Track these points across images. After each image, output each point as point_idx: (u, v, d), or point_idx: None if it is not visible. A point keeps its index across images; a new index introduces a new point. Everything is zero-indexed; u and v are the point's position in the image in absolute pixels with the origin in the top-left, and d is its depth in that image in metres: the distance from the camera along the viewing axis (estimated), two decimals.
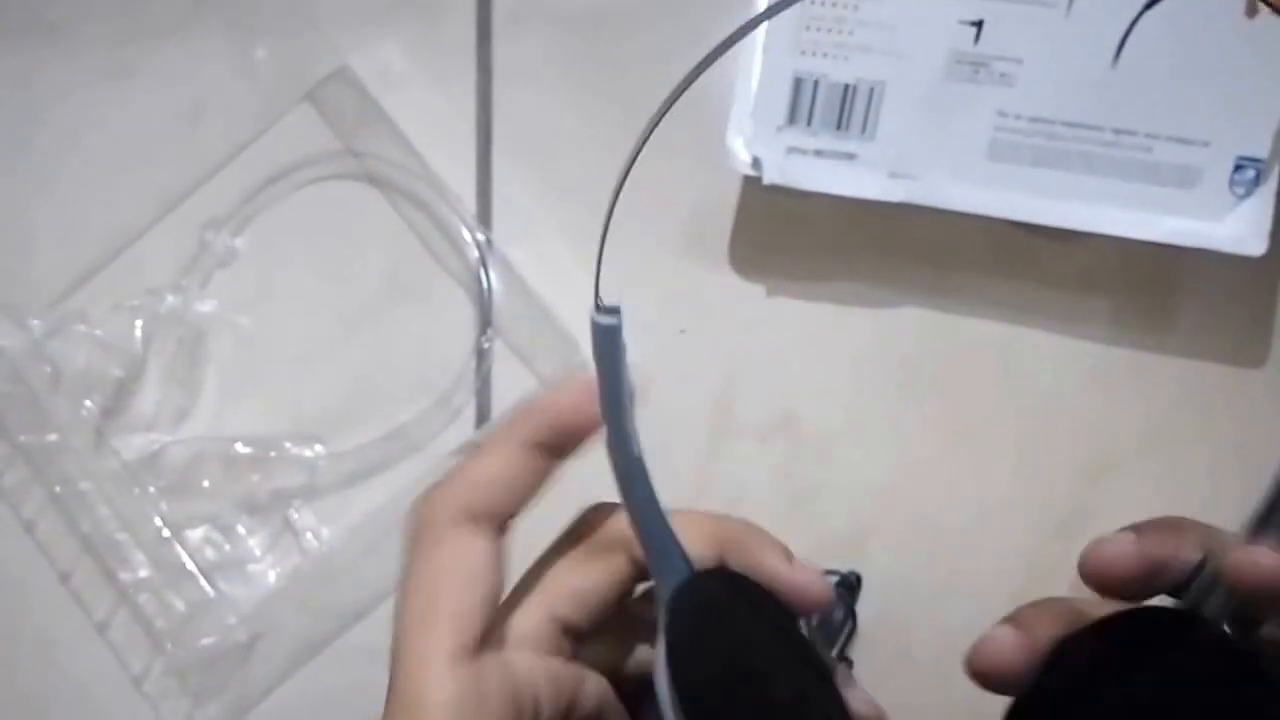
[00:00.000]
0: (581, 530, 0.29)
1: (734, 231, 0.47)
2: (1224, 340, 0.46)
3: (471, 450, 0.27)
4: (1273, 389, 0.45)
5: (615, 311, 0.25)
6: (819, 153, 0.42)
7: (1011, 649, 0.24)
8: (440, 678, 0.25)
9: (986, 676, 0.25)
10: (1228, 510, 0.45)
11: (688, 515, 0.27)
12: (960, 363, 0.46)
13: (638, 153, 0.24)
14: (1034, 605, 0.26)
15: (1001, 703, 0.51)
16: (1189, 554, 0.24)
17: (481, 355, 0.48)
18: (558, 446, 0.27)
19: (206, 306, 0.47)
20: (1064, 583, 0.46)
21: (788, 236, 0.47)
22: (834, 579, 0.45)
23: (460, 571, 0.26)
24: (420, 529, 0.27)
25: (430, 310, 0.48)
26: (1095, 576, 0.25)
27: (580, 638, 0.28)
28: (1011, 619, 0.25)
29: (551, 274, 0.47)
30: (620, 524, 0.27)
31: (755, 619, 0.27)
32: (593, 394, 0.25)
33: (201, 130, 0.48)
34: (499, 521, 0.27)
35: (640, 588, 0.29)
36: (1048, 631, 0.24)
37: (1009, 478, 0.46)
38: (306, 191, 0.48)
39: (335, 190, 0.48)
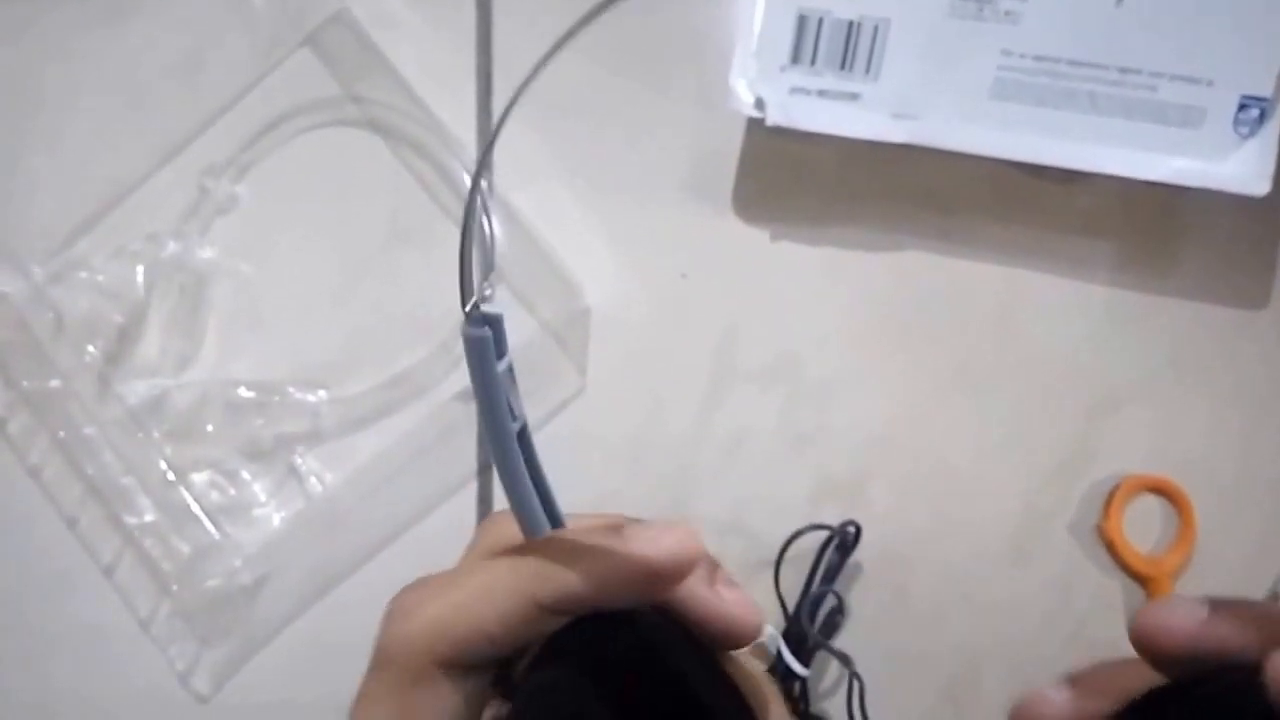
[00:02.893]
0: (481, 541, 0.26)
1: (737, 176, 0.47)
2: (1227, 281, 0.46)
3: (459, 573, 0.24)
4: (1275, 329, 0.45)
5: (486, 323, 0.24)
6: (822, 93, 0.42)
7: (1059, 716, 0.22)
8: None
9: None
10: (1228, 450, 0.46)
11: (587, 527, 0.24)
12: (962, 306, 0.47)
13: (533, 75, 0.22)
14: (1097, 671, 0.23)
15: (997, 632, 0.51)
16: (1254, 646, 0.21)
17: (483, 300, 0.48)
18: (559, 612, 0.23)
19: (208, 253, 0.47)
20: (1062, 524, 0.46)
21: (790, 181, 0.47)
22: (827, 534, 0.45)
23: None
24: (392, 664, 0.23)
25: (431, 256, 0.48)
26: (1147, 639, 0.22)
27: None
28: (1072, 681, 0.23)
29: (553, 219, 0.47)
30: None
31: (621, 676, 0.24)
32: (616, 579, 0.23)
33: (200, 76, 0.48)
34: (480, 671, 0.24)
35: None
36: (1100, 704, 0.22)
37: (1009, 420, 0.47)
38: (307, 138, 0.47)
39: (335, 136, 0.47)
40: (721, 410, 0.47)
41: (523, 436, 0.24)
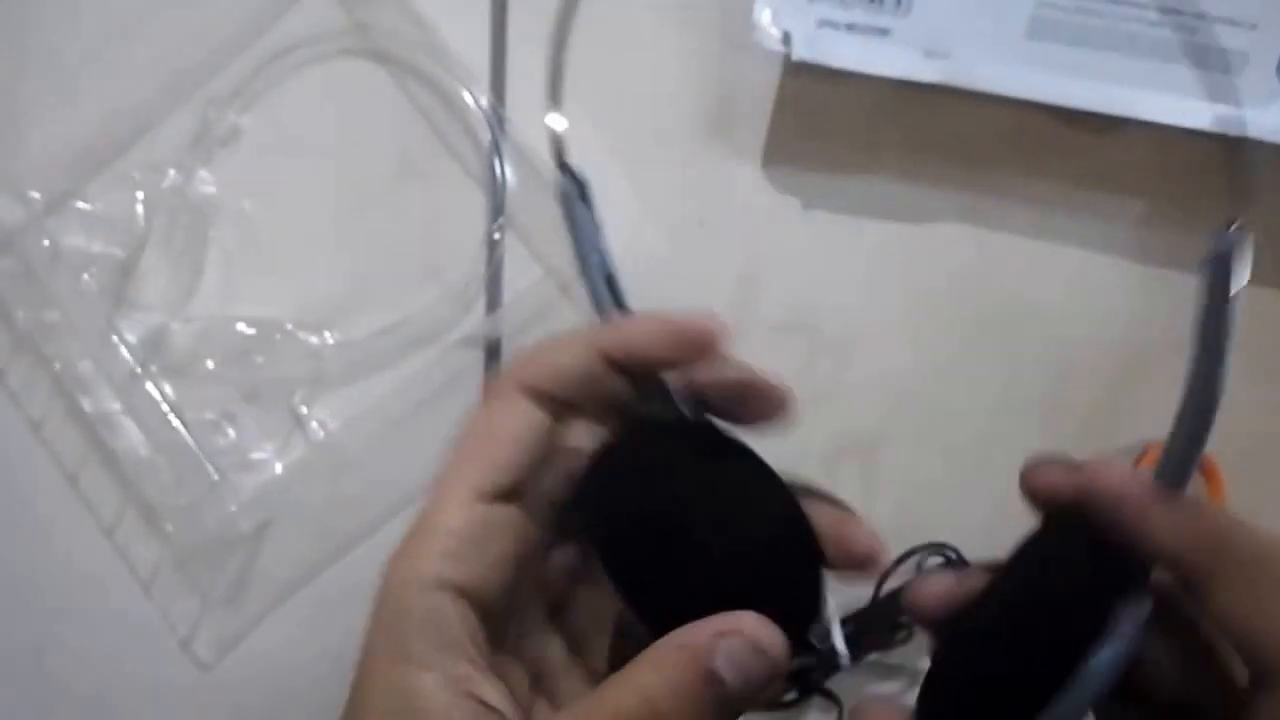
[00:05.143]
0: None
1: (760, 119, 0.45)
2: (1263, 242, 0.44)
3: (550, 339, 0.29)
4: None
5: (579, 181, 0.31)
6: (851, 27, 0.41)
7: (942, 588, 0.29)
8: (458, 508, 0.27)
9: None
10: (1258, 418, 0.44)
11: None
12: (987, 263, 0.45)
13: None
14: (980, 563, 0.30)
15: None
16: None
17: (493, 246, 0.46)
18: (624, 368, 0.28)
19: (209, 188, 0.46)
20: None
21: (816, 127, 0.45)
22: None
23: (508, 427, 0.28)
24: (492, 390, 0.29)
25: (440, 196, 0.46)
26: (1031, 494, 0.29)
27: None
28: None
29: (574, 159, 0.46)
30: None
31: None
32: (676, 338, 0.28)
33: (204, 3, 0.46)
34: (556, 404, 0.28)
35: None
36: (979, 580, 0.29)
37: (1032, 382, 0.45)
38: (311, 70, 0.46)
39: (342, 68, 0.46)
40: None
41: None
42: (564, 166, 0.31)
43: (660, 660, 0.25)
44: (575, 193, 0.30)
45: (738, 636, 0.25)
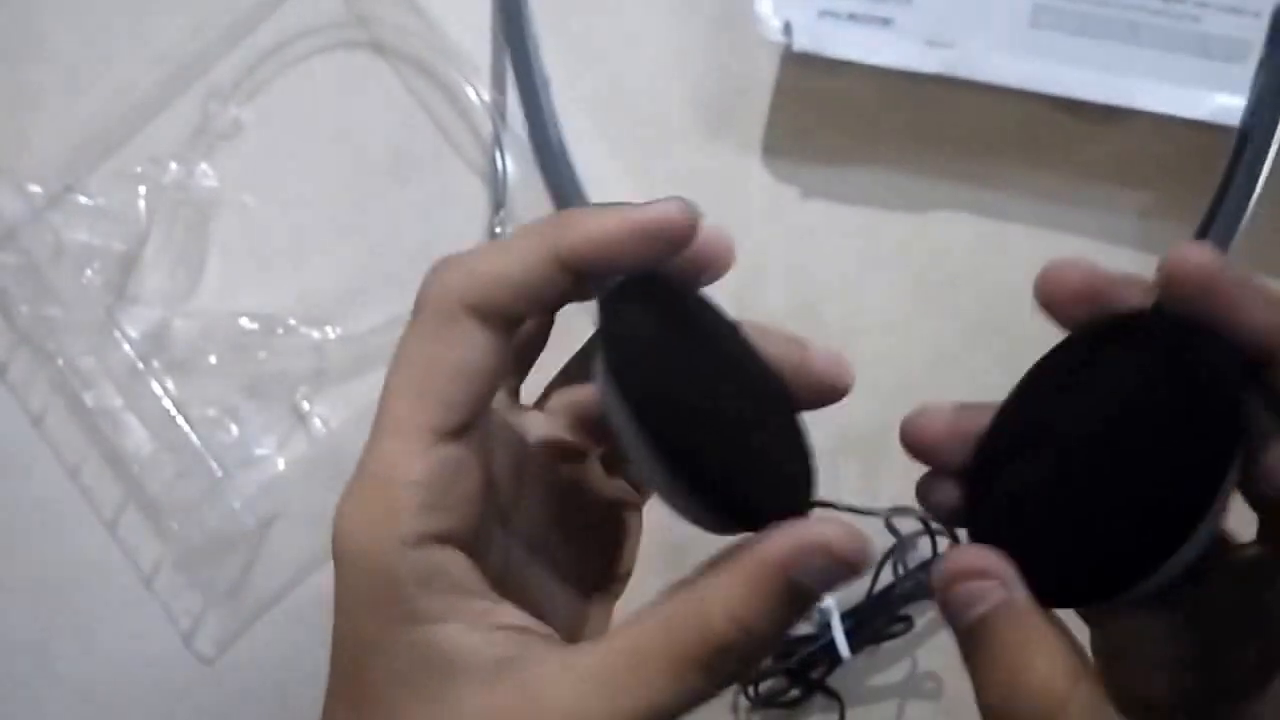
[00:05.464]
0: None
1: (761, 110, 0.45)
2: (1268, 234, 0.44)
3: (491, 242, 0.26)
4: None
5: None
6: (853, 16, 0.40)
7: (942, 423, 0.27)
8: (417, 455, 0.25)
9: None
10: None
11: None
12: (990, 256, 0.45)
13: None
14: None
15: None
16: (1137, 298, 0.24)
17: (494, 239, 0.46)
18: (582, 270, 0.25)
19: (211, 182, 0.46)
20: None
21: (817, 119, 0.45)
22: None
23: (459, 359, 0.25)
24: (427, 306, 0.26)
25: (441, 189, 0.46)
26: (1046, 296, 0.26)
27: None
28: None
29: (572, 151, 0.46)
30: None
31: (698, 315, 0.26)
32: (637, 232, 0.25)
33: None
34: (507, 323, 0.26)
35: None
36: (981, 418, 0.27)
37: None
38: (312, 62, 0.46)
39: (342, 60, 0.46)
40: None
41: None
42: None
43: (745, 577, 0.24)
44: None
45: (822, 553, 0.23)
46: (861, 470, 0.45)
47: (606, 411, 0.25)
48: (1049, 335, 0.45)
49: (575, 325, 0.29)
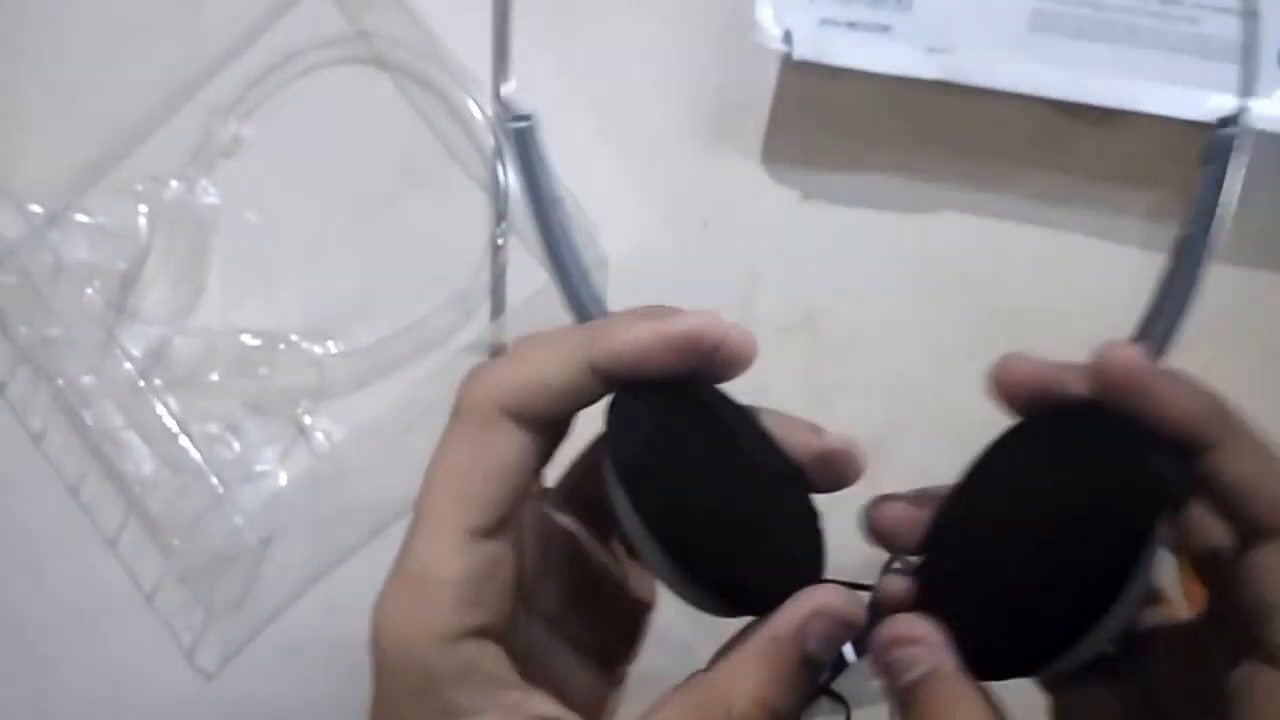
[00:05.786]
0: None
1: (763, 117, 0.45)
2: (1268, 234, 0.44)
3: (524, 344, 0.27)
4: None
5: (527, 117, 0.27)
6: (852, 25, 0.41)
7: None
8: (454, 555, 0.25)
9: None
10: (1262, 411, 0.44)
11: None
12: (992, 257, 0.45)
13: None
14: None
15: None
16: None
17: (496, 251, 0.46)
18: (613, 378, 0.26)
19: (212, 199, 0.46)
20: None
21: (819, 125, 0.45)
22: None
23: (496, 462, 0.26)
24: (465, 409, 0.26)
25: (443, 202, 0.46)
26: (999, 387, 0.27)
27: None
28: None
29: (569, 164, 0.46)
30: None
31: (705, 413, 0.27)
32: (670, 344, 0.25)
33: (204, 11, 0.46)
34: (541, 425, 0.27)
35: None
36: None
37: None
38: (313, 78, 0.46)
39: (344, 75, 0.46)
40: None
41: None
42: (503, 102, 0.27)
43: (761, 657, 0.25)
44: (525, 131, 0.26)
45: (825, 617, 0.25)
46: (866, 472, 0.45)
47: (613, 504, 0.26)
48: (1050, 338, 0.45)
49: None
